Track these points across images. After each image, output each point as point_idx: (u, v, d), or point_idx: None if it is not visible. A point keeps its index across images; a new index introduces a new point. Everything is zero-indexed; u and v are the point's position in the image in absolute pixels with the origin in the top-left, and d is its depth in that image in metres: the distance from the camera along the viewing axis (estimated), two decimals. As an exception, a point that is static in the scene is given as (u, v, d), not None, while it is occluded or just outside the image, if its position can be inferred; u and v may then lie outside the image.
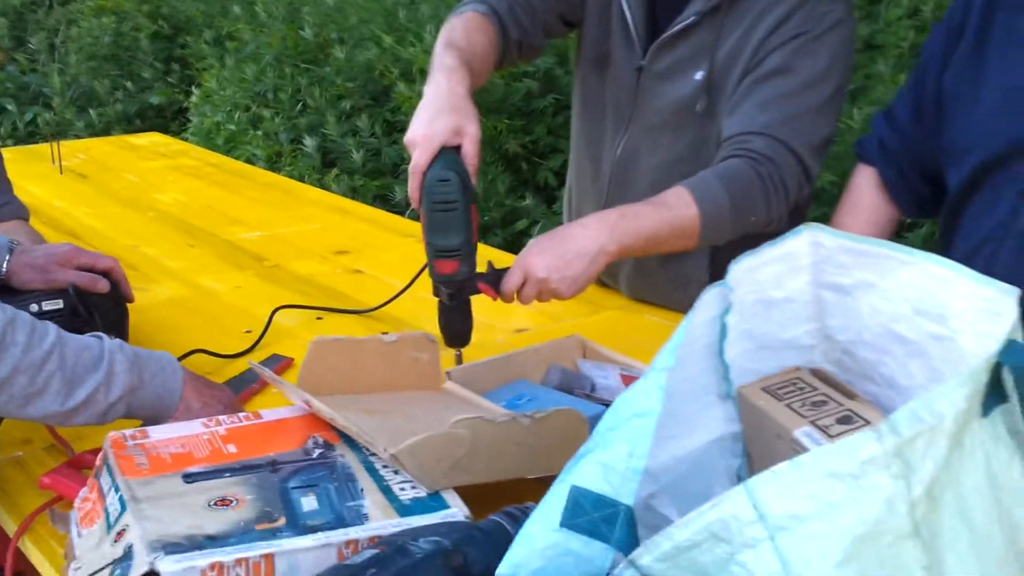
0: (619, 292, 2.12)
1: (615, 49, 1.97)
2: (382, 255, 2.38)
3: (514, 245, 3.94)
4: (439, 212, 1.55)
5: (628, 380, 1.59)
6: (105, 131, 6.24)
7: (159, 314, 1.95)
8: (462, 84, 1.64)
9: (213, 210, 2.69)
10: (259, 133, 5.01)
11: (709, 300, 1.10)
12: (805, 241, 1.13)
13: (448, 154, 1.57)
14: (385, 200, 4.45)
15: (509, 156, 4.43)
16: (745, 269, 1.12)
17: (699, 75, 1.86)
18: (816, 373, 1.17)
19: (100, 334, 1.39)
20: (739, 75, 1.82)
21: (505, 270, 1.63)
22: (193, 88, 6.05)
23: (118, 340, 1.40)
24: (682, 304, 1.99)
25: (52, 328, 1.32)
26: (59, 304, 1.64)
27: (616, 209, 1.70)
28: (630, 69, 1.95)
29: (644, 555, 0.89)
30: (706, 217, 1.69)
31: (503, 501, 1.19)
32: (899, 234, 3.07)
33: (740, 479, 1.20)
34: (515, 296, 1.63)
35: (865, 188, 1.81)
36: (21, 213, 2.23)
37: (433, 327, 1.64)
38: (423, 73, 4.69)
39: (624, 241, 1.65)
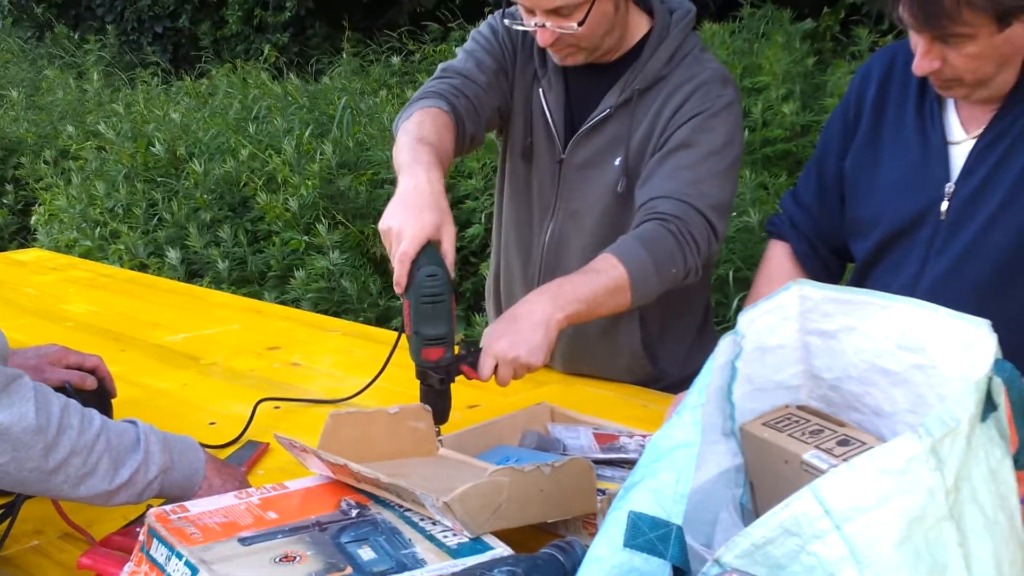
0: (553, 368, 2.27)
1: (538, 143, 2.16)
2: (312, 348, 2.49)
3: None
4: (428, 304, 1.69)
5: (601, 438, 1.75)
6: (-56, 254, 6.10)
7: (125, 412, 2.00)
8: (440, 182, 1.79)
9: (129, 317, 2.74)
10: (119, 247, 5.01)
11: (724, 347, 1.27)
12: (794, 294, 1.32)
13: (432, 249, 1.71)
14: (256, 307, 4.51)
15: (377, 259, 4.57)
16: (748, 320, 1.30)
17: (617, 161, 2.07)
18: (803, 408, 1.36)
19: (134, 419, 1.48)
20: (650, 155, 2.03)
21: (479, 351, 1.77)
22: (37, 207, 6.00)
23: (149, 424, 1.48)
24: (615, 373, 2.20)
25: (95, 412, 1.41)
26: (55, 401, 1.69)
27: (553, 282, 1.87)
28: (552, 161, 2.14)
29: (726, 553, 1.04)
30: (633, 274, 1.87)
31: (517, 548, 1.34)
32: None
33: (742, 506, 1.37)
34: (493, 379, 1.77)
35: (778, 260, 2.03)
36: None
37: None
38: (287, 183, 4.84)
39: (568, 308, 1.81)
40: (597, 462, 1.69)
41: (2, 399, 1.28)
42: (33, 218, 6.02)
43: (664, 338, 2.19)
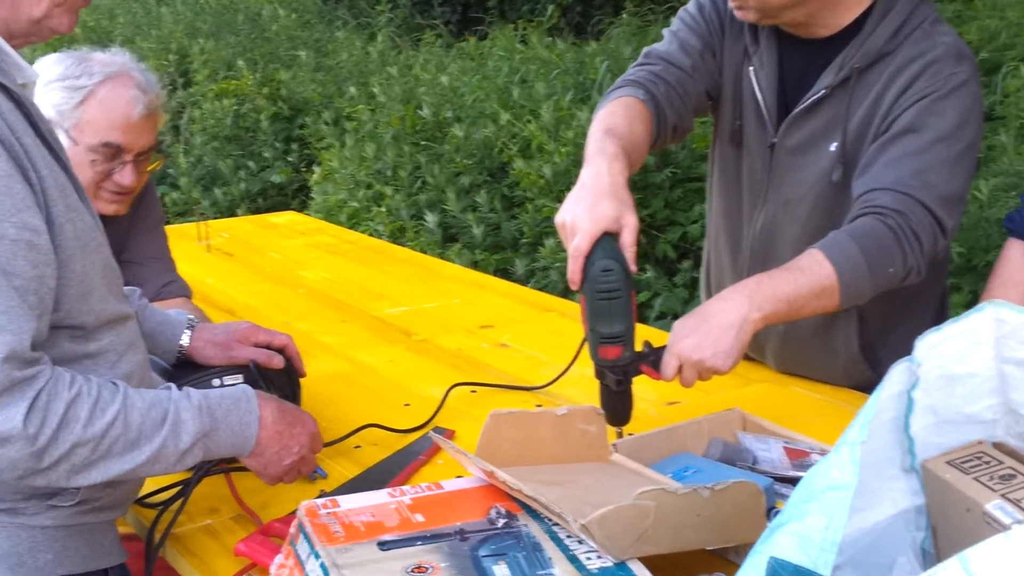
0: (766, 365, 2.14)
1: (748, 126, 2.01)
2: (524, 328, 2.45)
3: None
4: (603, 301, 1.59)
5: (793, 453, 1.62)
6: (230, 210, 6.45)
7: (324, 388, 2.03)
8: (623, 174, 1.68)
9: (358, 286, 2.78)
10: (382, 210, 5.14)
11: (897, 375, 1.13)
12: (988, 317, 1.15)
13: (609, 242, 1.60)
14: (506, 274, 4.52)
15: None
16: (929, 345, 1.15)
17: (833, 146, 1.89)
18: (999, 447, 1.20)
19: (170, 385, 1.46)
20: (871, 141, 1.85)
21: (663, 349, 1.67)
22: (314, 167, 6.24)
23: (187, 389, 1.45)
24: (831, 375, 2.04)
25: (119, 395, 1.36)
26: (239, 379, 1.72)
27: (752, 278, 1.73)
28: (763, 145, 1.99)
29: (858, 624, 0.92)
30: (843, 274, 1.70)
31: (677, 572, 1.24)
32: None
33: (924, 552, 1.22)
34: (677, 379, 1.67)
35: (1017, 262, 1.82)
36: (185, 291, 2.34)
37: (584, 402, 1.69)
38: (541, 150, 4.82)
39: (765, 307, 1.67)
40: (784, 479, 1.56)
41: None
42: (313, 177, 6.26)
43: (887, 340, 2.00)
